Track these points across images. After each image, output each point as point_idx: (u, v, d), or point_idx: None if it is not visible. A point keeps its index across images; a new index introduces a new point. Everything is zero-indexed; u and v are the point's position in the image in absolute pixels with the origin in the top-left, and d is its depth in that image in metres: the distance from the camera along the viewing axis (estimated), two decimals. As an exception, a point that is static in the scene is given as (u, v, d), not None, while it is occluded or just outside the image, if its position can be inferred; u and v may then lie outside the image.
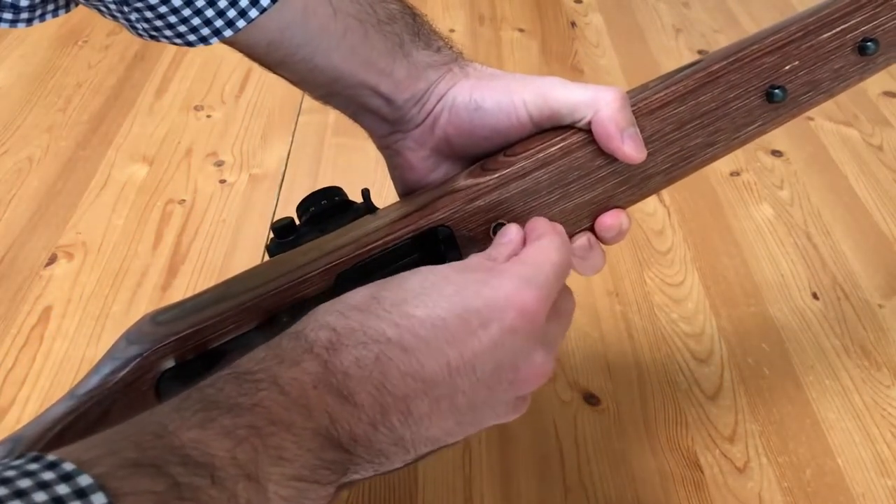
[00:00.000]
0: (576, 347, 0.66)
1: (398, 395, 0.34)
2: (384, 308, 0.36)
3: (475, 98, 0.45)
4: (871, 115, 0.98)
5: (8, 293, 0.71)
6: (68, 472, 0.25)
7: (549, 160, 0.43)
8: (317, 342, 0.34)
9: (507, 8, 1.22)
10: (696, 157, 0.46)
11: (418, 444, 0.35)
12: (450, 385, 0.35)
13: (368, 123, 0.48)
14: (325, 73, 0.45)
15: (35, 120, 0.94)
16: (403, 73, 0.45)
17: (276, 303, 0.40)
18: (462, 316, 0.35)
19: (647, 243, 0.78)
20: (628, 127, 0.42)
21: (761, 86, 0.45)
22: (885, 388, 0.64)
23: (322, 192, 0.46)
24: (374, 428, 0.34)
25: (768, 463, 0.58)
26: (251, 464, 0.30)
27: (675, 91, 0.44)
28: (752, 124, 0.46)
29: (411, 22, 0.46)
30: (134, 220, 0.80)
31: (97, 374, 0.38)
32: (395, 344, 0.34)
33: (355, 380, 0.33)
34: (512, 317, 0.35)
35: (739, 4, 1.24)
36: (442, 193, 0.44)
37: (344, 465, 0.33)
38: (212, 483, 0.28)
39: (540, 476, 0.57)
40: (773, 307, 0.71)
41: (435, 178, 0.48)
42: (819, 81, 0.46)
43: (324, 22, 0.43)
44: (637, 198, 0.46)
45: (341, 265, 0.41)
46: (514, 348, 0.36)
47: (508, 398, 0.37)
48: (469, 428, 0.37)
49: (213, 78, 1.02)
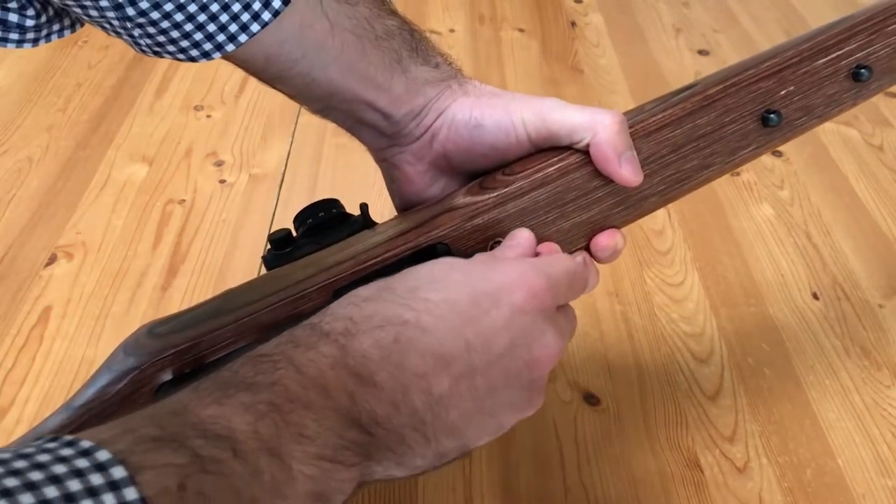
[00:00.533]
0: (576, 347, 0.66)
1: (418, 374, 0.34)
2: (398, 295, 0.36)
3: (475, 116, 0.45)
4: (871, 115, 0.98)
5: (8, 293, 0.71)
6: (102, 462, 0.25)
7: (547, 180, 0.44)
8: (333, 330, 0.34)
9: (507, 8, 1.22)
10: (692, 180, 0.46)
11: (438, 433, 0.35)
12: (468, 363, 0.35)
13: (366, 137, 0.48)
14: (321, 88, 0.45)
15: (35, 120, 0.94)
16: (401, 89, 0.46)
17: (273, 318, 0.40)
18: (474, 298, 0.36)
19: (647, 243, 0.78)
20: (626, 151, 0.43)
21: (757, 110, 0.45)
22: (885, 388, 0.64)
23: (320, 205, 0.46)
24: (395, 409, 0.34)
25: (768, 463, 0.58)
26: (273, 439, 0.30)
27: (672, 114, 0.44)
28: (747, 147, 0.46)
29: (409, 38, 0.46)
30: (134, 220, 0.80)
31: (93, 386, 0.38)
32: (413, 325, 0.35)
33: (374, 361, 0.34)
34: (521, 297, 0.36)
35: (739, 4, 1.24)
36: (440, 211, 0.44)
37: (366, 448, 0.33)
38: (234, 455, 0.28)
39: (540, 476, 0.57)
40: (773, 307, 0.71)
41: (432, 193, 0.48)
42: (813, 106, 0.47)
43: (321, 37, 0.44)
44: (633, 218, 0.46)
45: (339, 281, 0.41)
46: (526, 327, 0.36)
47: (524, 382, 0.37)
48: (488, 419, 0.36)
49: (213, 78, 1.02)
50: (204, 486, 0.27)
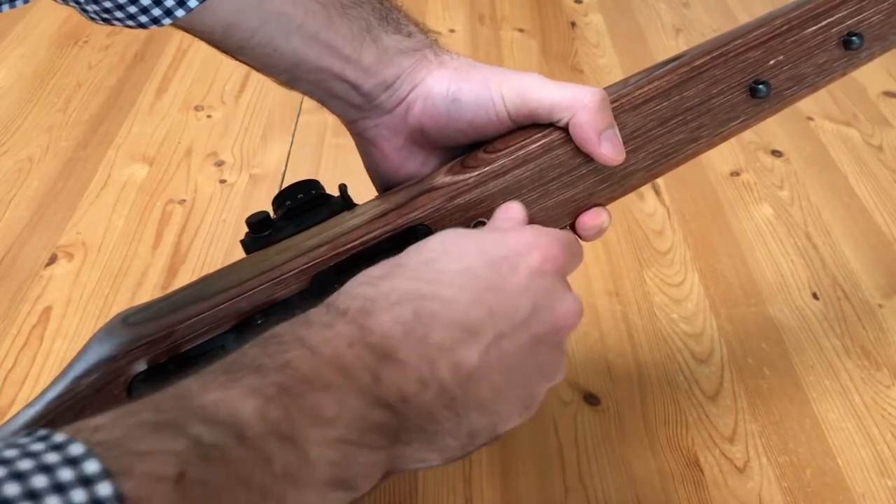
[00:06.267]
0: (576, 347, 0.66)
1: (445, 347, 0.33)
2: (411, 270, 0.35)
3: (452, 90, 0.44)
4: (871, 115, 0.98)
5: (8, 293, 0.71)
6: (74, 457, 0.23)
7: (530, 158, 0.43)
8: (350, 309, 0.33)
9: (507, 8, 1.22)
10: (679, 154, 0.45)
11: (470, 408, 0.34)
12: (495, 330, 0.34)
13: (336, 109, 0.47)
14: (285, 59, 0.44)
15: (35, 120, 0.94)
16: (371, 59, 0.44)
17: (251, 304, 0.39)
18: (492, 265, 0.35)
19: (647, 243, 0.78)
20: (606, 129, 0.42)
21: (745, 81, 0.45)
22: (885, 388, 0.64)
23: (299, 186, 0.45)
24: (423, 386, 0.32)
25: (768, 463, 0.58)
26: (284, 423, 0.28)
27: (658, 87, 0.44)
28: (736, 119, 0.45)
29: (379, 6, 0.45)
30: (134, 220, 0.80)
31: (66, 378, 0.37)
32: (433, 298, 0.34)
33: (395, 338, 0.32)
34: (538, 259, 0.36)
35: (739, 4, 1.24)
36: (421, 191, 0.43)
37: (394, 430, 0.32)
38: (238, 442, 0.27)
39: (540, 476, 0.57)
40: (773, 307, 0.71)
41: (410, 169, 0.47)
42: (803, 76, 0.46)
43: (281, 5, 0.42)
44: (618, 195, 0.45)
45: (318, 266, 0.40)
46: (546, 289, 0.36)
47: (550, 345, 0.36)
48: (518, 390, 0.35)
49: (213, 78, 1.02)
50: (206, 476, 0.25)
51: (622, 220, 0.80)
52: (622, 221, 0.80)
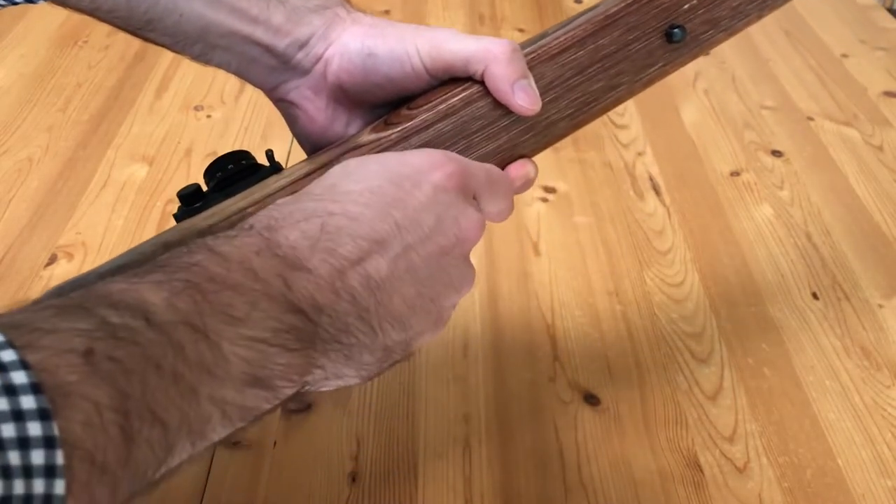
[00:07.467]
0: (576, 347, 0.66)
1: (353, 259, 0.34)
2: (316, 194, 0.37)
3: (367, 45, 0.44)
4: (871, 115, 0.98)
5: (8, 293, 0.71)
6: None
7: (451, 111, 0.44)
8: (255, 225, 0.34)
9: (507, 8, 1.22)
10: (600, 102, 0.46)
11: (384, 321, 0.35)
12: (401, 242, 0.36)
13: (256, 76, 0.47)
14: (192, 25, 0.44)
15: (35, 120, 0.94)
16: (281, 19, 0.44)
17: None
18: (395, 181, 0.37)
19: (647, 243, 0.78)
20: (519, 79, 0.42)
21: (660, 26, 0.45)
22: (885, 389, 0.64)
23: (229, 156, 0.45)
24: (336, 295, 0.34)
25: (768, 463, 0.58)
26: (194, 315, 0.29)
27: (573, 35, 0.44)
28: (654, 65, 0.46)
29: None
30: (134, 220, 0.80)
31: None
32: (340, 214, 0.35)
33: (303, 249, 0.33)
34: (439, 176, 0.38)
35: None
36: (345, 150, 0.44)
37: (309, 335, 0.33)
38: (147, 325, 0.27)
39: (540, 476, 0.57)
40: (773, 307, 0.71)
41: (337, 130, 0.47)
42: (718, 19, 0.46)
43: None
44: (543, 145, 0.46)
45: None
46: (449, 203, 0.38)
47: (457, 257, 0.38)
48: (429, 304, 0.37)
49: (213, 78, 1.02)
50: (115, 353, 0.25)
51: (622, 220, 0.80)
52: (622, 221, 0.80)
